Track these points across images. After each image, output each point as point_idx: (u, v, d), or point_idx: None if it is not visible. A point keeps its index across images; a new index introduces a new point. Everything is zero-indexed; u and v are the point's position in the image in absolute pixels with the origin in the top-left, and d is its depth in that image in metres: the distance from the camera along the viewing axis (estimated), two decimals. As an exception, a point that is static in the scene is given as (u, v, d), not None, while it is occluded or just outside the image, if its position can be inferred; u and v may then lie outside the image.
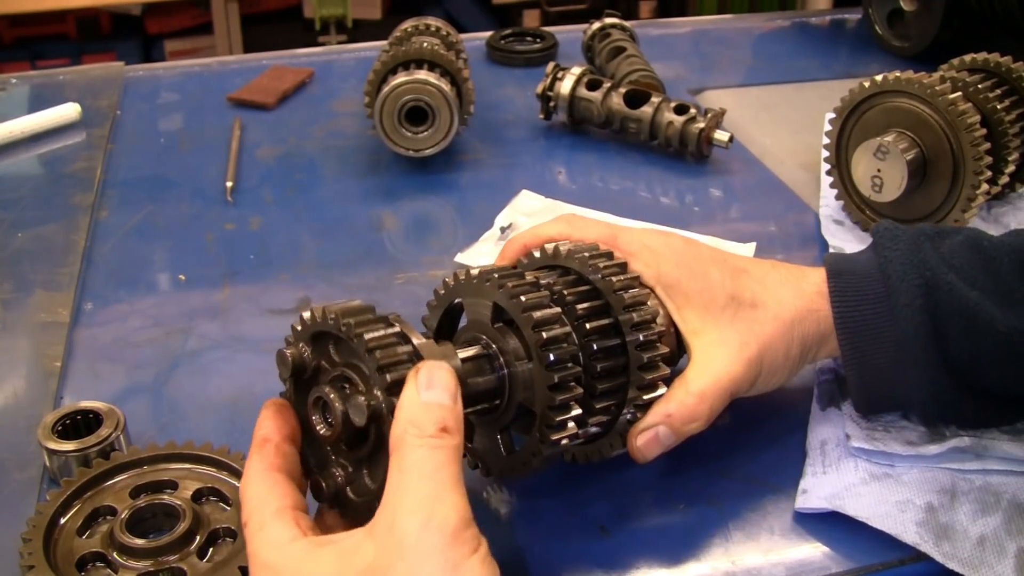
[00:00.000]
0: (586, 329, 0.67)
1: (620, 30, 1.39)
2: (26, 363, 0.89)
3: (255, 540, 0.57)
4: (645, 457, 0.69)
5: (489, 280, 0.66)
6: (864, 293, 0.73)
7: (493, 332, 0.66)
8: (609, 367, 0.68)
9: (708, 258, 0.74)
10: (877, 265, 0.73)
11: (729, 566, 0.68)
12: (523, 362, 0.65)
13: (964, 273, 0.72)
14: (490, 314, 0.66)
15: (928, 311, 0.70)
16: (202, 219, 1.09)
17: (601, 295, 0.69)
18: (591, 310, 0.68)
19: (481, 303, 0.67)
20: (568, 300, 0.68)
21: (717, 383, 0.70)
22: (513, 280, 0.66)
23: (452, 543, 0.52)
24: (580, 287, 0.69)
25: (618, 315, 0.68)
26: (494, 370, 0.66)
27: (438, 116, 1.13)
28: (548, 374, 0.63)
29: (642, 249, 0.73)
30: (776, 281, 0.75)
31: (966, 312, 0.70)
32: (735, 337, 0.71)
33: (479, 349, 0.66)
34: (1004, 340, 0.70)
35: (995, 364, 0.71)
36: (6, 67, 2.72)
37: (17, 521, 0.67)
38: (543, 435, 0.64)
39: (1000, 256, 0.73)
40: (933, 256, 0.72)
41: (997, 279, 0.72)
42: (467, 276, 0.68)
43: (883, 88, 0.99)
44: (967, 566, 0.66)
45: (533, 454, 0.65)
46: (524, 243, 0.76)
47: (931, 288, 0.70)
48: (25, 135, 1.23)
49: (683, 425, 0.69)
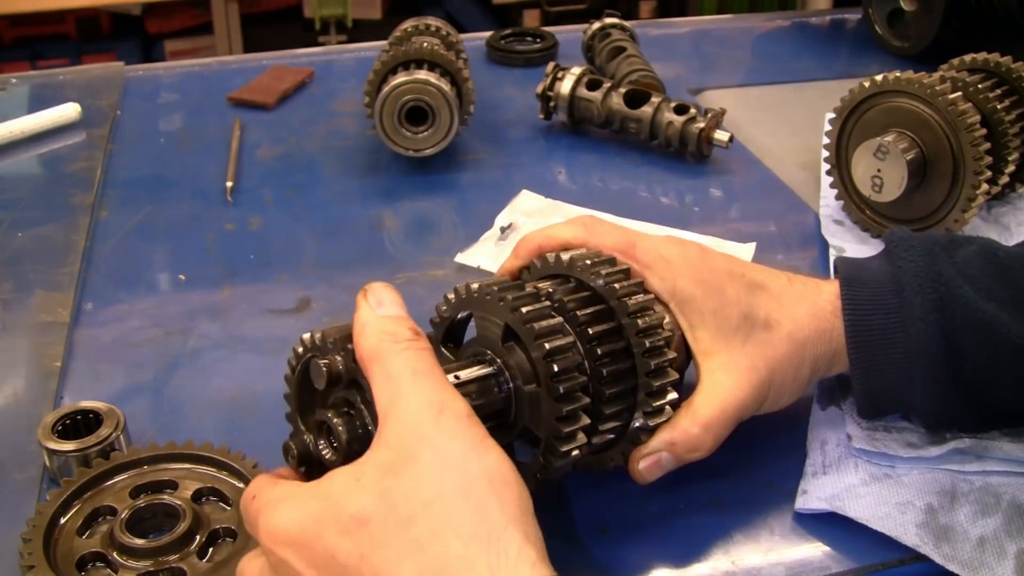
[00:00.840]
0: (598, 354, 0.66)
1: (620, 30, 1.39)
2: (26, 363, 0.89)
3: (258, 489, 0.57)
4: (646, 480, 0.69)
5: (503, 300, 0.65)
6: (876, 303, 0.72)
7: (501, 349, 0.65)
8: (618, 392, 0.67)
9: (724, 272, 0.73)
10: (891, 275, 0.73)
11: (729, 566, 0.68)
12: (531, 385, 0.64)
13: (979, 284, 0.71)
14: (500, 332, 0.65)
15: (941, 325, 0.69)
16: (202, 219, 1.09)
17: (604, 301, 0.68)
18: (593, 316, 0.67)
19: (486, 317, 0.67)
20: (570, 308, 0.67)
21: (723, 412, 0.69)
22: (527, 304, 0.65)
23: (470, 423, 0.54)
24: (581, 293, 0.69)
25: (622, 321, 0.67)
26: (501, 390, 0.65)
27: (438, 116, 1.13)
28: (558, 406, 0.63)
29: (658, 261, 0.71)
30: (792, 299, 0.74)
31: (981, 324, 0.69)
32: (744, 361, 0.70)
33: (486, 367, 0.65)
34: (1021, 352, 0.69)
35: (1011, 376, 0.70)
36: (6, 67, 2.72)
37: (17, 521, 0.67)
38: (547, 461, 0.64)
39: (1016, 267, 0.72)
40: (948, 267, 0.71)
41: (1013, 290, 0.71)
42: (480, 290, 0.66)
43: (883, 88, 0.99)
44: (967, 567, 0.66)
45: (535, 476, 0.65)
46: (539, 244, 0.75)
47: (946, 301, 0.70)
48: (25, 135, 1.23)
49: (686, 453, 0.69)
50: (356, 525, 0.51)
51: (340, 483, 0.53)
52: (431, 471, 0.52)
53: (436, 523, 0.50)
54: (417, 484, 0.51)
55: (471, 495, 0.51)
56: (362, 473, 0.53)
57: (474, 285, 0.67)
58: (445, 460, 0.52)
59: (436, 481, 0.51)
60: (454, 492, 0.51)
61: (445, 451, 0.52)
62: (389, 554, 0.50)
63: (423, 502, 0.51)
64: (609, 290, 0.68)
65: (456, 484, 0.51)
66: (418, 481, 0.51)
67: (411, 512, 0.51)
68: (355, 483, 0.53)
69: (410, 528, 0.50)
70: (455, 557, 0.49)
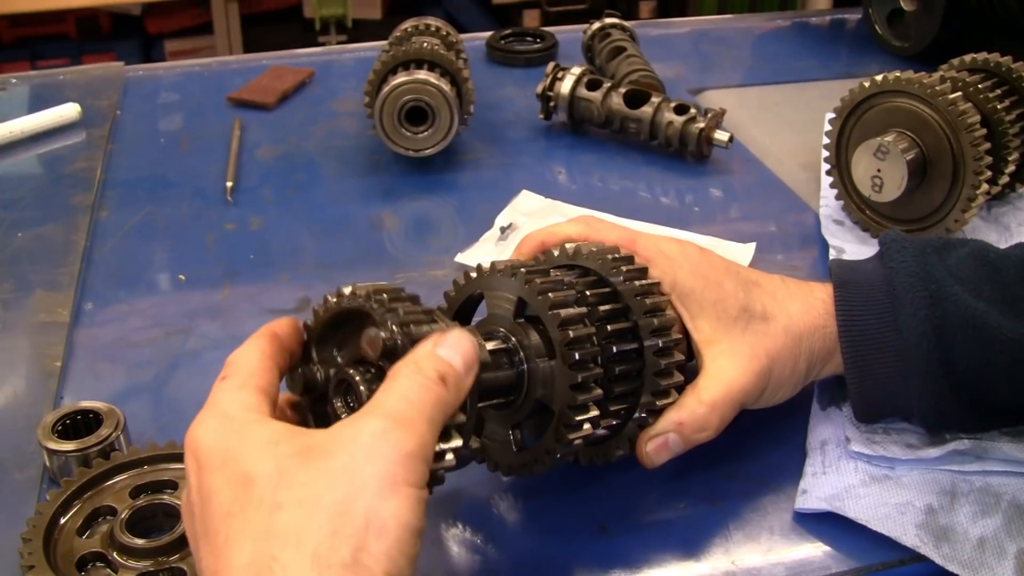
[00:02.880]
0: (607, 331, 0.67)
1: (620, 30, 1.39)
2: (26, 363, 0.89)
3: (216, 393, 0.56)
4: (654, 463, 0.70)
5: (515, 274, 0.66)
6: (869, 303, 0.73)
7: (513, 326, 0.66)
8: (625, 370, 0.68)
9: (722, 268, 0.74)
10: (883, 276, 0.74)
11: (729, 566, 0.68)
12: (544, 359, 0.65)
13: (970, 285, 0.72)
14: (513, 308, 0.66)
15: (933, 323, 0.70)
16: (202, 219, 1.09)
17: (621, 298, 0.69)
18: (612, 312, 0.68)
19: (503, 297, 0.67)
20: (590, 301, 0.68)
21: (728, 393, 0.70)
22: (540, 276, 0.66)
23: (402, 461, 0.51)
24: (601, 288, 0.69)
25: (638, 319, 0.68)
26: (513, 365, 0.65)
27: (438, 116, 1.13)
28: (571, 373, 0.63)
29: (659, 256, 0.73)
30: (786, 295, 0.75)
31: (973, 322, 0.70)
32: (746, 349, 0.71)
33: (499, 343, 0.66)
34: (1013, 348, 0.70)
35: (1004, 374, 0.71)
36: (6, 67, 2.72)
37: (17, 521, 0.67)
38: (559, 435, 0.64)
39: (1007, 267, 0.73)
40: (939, 268, 0.72)
41: (1004, 290, 0.72)
42: (492, 269, 0.68)
43: (883, 88, 0.99)
44: (967, 568, 0.66)
45: (547, 452, 0.65)
46: (542, 240, 0.76)
47: (936, 300, 0.71)
48: (25, 135, 1.23)
49: (693, 434, 0.70)
50: (241, 482, 0.51)
51: (264, 435, 0.53)
52: (328, 476, 0.50)
53: (291, 524, 0.49)
54: (309, 478, 0.50)
55: (339, 520, 0.49)
56: (286, 441, 0.52)
57: (485, 265, 0.68)
58: (347, 476, 0.50)
59: (324, 487, 0.50)
60: (328, 506, 0.49)
61: (353, 468, 0.50)
62: (243, 526, 0.49)
63: (298, 498, 0.49)
64: (628, 288, 0.69)
65: (335, 500, 0.49)
66: (312, 476, 0.50)
67: (285, 500, 0.49)
68: (272, 445, 0.52)
69: (274, 514, 0.49)
70: (280, 565, 0.47)
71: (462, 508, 0.71)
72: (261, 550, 0.48)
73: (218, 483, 0.52)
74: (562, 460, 0.67)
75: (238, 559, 0.49)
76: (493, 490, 0.72)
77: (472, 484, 0.73)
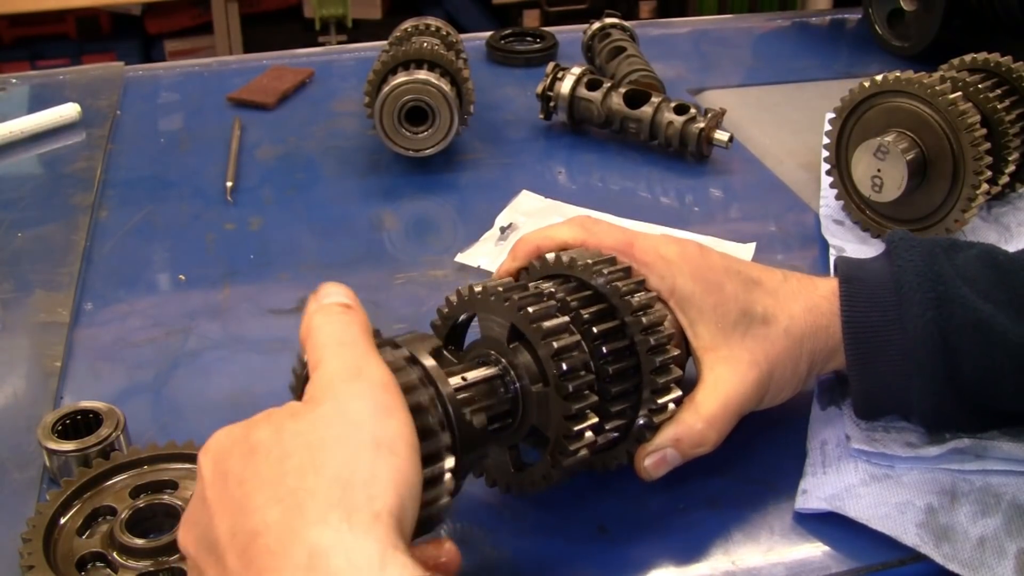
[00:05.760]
0: (593, 333, 0.66)
1: (620, 30, 1.39)
2: (26, 363, 0.89)
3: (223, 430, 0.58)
4: (652, 477, 0.70)
5: (508, 300, 0.65)
6: (875, 300, 0.73)
7: (504, 348, 0.65)
8: (621, 369, 0.67)
9: (722, 269, 0.73)
10: (890, 274, 0.73)
11: (729, 566, 0.68)
12: (538, 385, 0.64)
13: (978, 286, 0.71)
14: (506, 333, 0.65)
15: (939, 323, 0.70)
16: (202, 219, 1.09)
17: (606, 300, 0.68)
18: (597, 314, 0.67)
19: (490, 319, 0.67)
20: (585, 319, 0.67)
21: (726, 407, 0.69)
22: (533, 303, 0.65)
23: (384, 390, 0.55)
24: (583, 292, 0.69)
25: (626, 319, 0.68)
26: (508, 390, 0.65)
27: (438, 116, 1.13)
28: (566, 404, 0.63)
29: (657, 260, 0.72)
30: (788, 294, 0.74)
31: (979, 324, 0.69)
32: (745, 355, 0.71)
33: (492, 368, 0.65)
34: (1019, 352, 0.69)
35: (1009, 378, 0.70)
36: (6, 67, 2.72)
37: (17, 521, 0.67)
38: (555, 460, 0.64)
39: (1016, 270, 0.73)
40: (947, 268, 0.72)
41: (1012, 293, 0.71)
42: (484, 292, 0.67)
43: (883, 88, 0.99)
44: (967, 567, 0.66)
45: (544, 476, 0.65)
46: (537, 244, 0.75)
47: (943, 301, 0.70)
48: (25, 135, 1.23)
49: (691, 449, 0.69)
50: (249, 452, 0.53)
51: (258, 419, 0.56)
52: (323, 419, 0.53)
53: (305, 462, 0.51)
54: (307, 427, 0.53)
55: (349, 447, 0.52)
56: (277, 411, 0.55)
57: (477, 287, 0.67)
58: (341, 414, 0.53)
59: (324, 428, 0.53)
60: (335, 440, 0.52)
61: (345, 407, 0.54)
62: (257, 481, 0.52)
63: (304, 443, 0.52)
64: (611, 289, 0.68)
65: (339, 434, 0.52)
66: (308, 424, 0.53)
67: (291, 449, 0.52)
68: (266, 419, 0.55)
69: (284, 462, 0.52)
70: (306, 493, 0.50)
71: (462, 508, 0.71)
72: (282, 493, 0.51)
73: (230, 464, 0.53)
74: (563, 479, 0.67)
75: (263, 509, 0.50)
76: (493, 491, 0.72)
77: (472, 484, 0.73)
